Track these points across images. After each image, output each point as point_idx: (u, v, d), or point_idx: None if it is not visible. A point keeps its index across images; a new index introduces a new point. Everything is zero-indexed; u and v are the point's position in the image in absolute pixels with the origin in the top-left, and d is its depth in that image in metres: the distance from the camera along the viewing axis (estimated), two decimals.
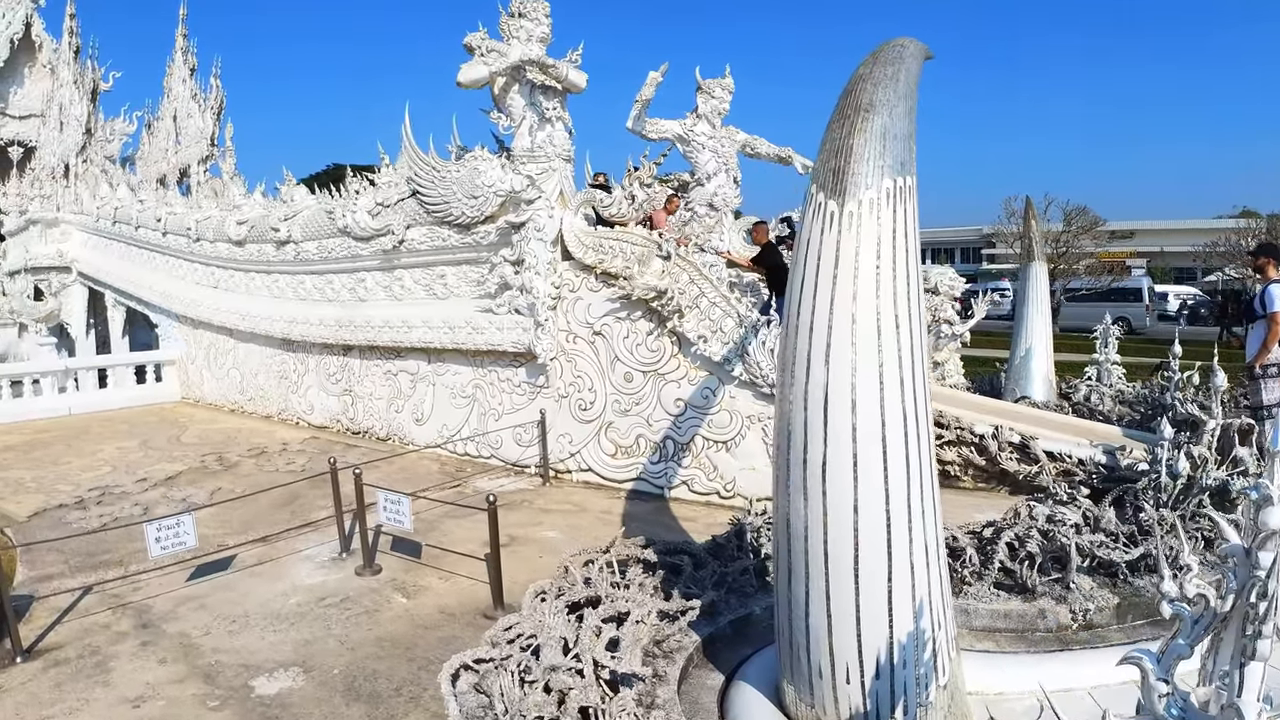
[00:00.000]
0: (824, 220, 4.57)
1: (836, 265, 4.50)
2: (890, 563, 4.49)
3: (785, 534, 4.80)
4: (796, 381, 4.65)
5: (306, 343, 16.55)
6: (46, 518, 11.44)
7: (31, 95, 42.68)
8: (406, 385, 14.68)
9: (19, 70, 42.72)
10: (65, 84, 33.51)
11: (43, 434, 17.53)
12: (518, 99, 12.47)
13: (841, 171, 4.49)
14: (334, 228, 15.27)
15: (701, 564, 7.40)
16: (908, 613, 4.54)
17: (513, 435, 12.95)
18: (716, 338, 11.02)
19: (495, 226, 12.64)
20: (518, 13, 12.20)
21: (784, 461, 4.75)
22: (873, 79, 4.62)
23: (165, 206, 21.46)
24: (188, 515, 8.50)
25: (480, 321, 13.03)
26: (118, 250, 24.75)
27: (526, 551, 9.63)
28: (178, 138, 35.33)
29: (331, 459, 10.06)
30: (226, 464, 14.07)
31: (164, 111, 36.54)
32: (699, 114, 15.17)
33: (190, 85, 35.22)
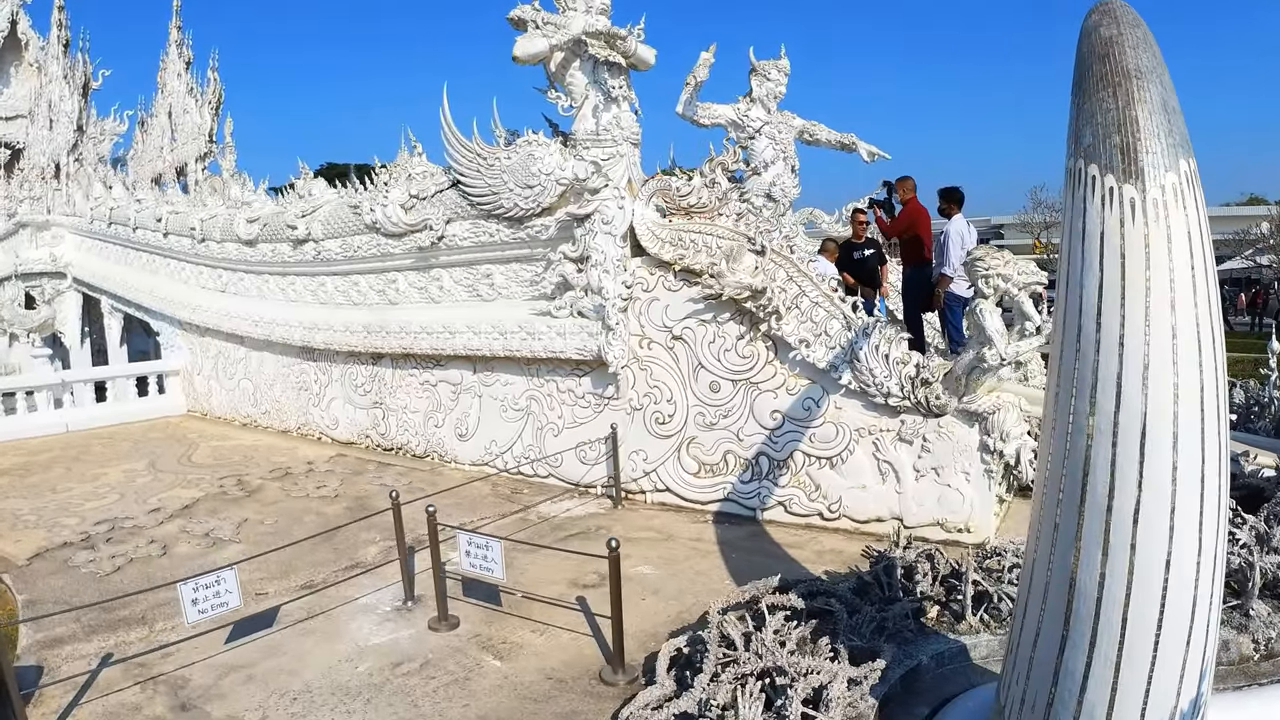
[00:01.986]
0: (1123, 209, 3.60)
1: (1148, 266, 3.57)
2: (1191, 628, 3.77)
3: (1065, 594, 3.91)
4: (1101, 411, 3.67)
5: (330, 351, 14.88)
6: (50, 560, 9.76)
7: (18, 95, 40.84)
8: (448, 397, 13.05)
9: (4, 69, 40.84)
10: (55, 79, 31.70)
11: (39, 455, 15.80)
12: (579, 76, 10.94)
13: (1132, 150, 3.58)
14: (360, 224, 13.62)
15: (853, 608, 6.58)
16: (1194, 681, 3.86)
17: (575, 452, 11.34)
18: (820, 342, 9.62)
19: (554, 219, 11.06)
20: None
21: (1073, 507, 3.82)
22: (1128, 41, 3.70)
23: (166, 205, 19.75)
24: (229, 571, 6.88)
25: (537, 326, 11.43)
26: (114, 253, 23.03)
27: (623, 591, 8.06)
28: (173, 135, 33.57)
29: (394, 493, 8.35)
30: (248, 488, 12.40)
31: (158, 108, 34.80)
32: (753, 98, 13.65)
33: (186, 79, 33.42)
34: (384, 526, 9.98)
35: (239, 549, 9.76)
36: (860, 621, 6.28)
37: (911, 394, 9.13)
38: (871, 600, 6.76)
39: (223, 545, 9.97)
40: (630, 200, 10.75)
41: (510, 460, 12.25)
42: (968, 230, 12.16)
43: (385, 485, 12.12)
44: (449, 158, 11.97)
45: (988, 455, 8.93)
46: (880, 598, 6.82)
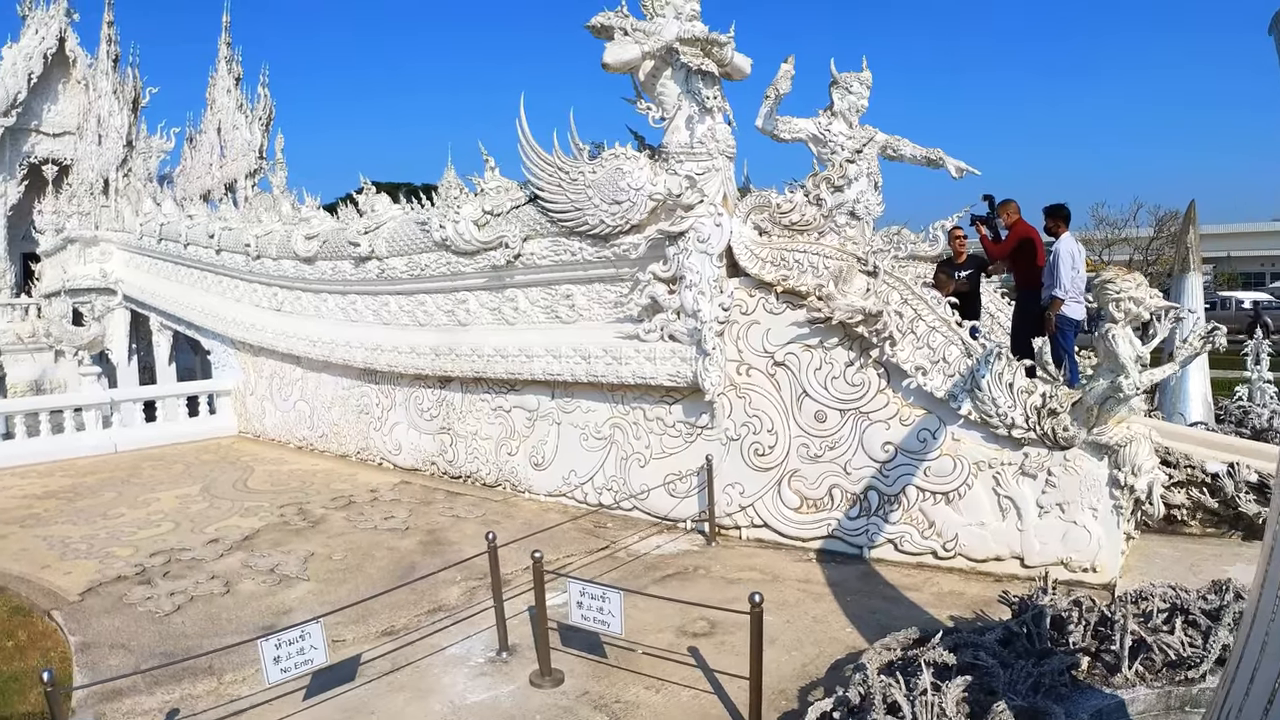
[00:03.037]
0: None
1: None
2: None
3: None
4: None
5: (394, 373, 14.15)
6: (104, 596, 9.01)
7: (66, 112, 40.82)
8: (522, 424, 12.28)
9: (53, 86, 40.87)
10: (104, 94, 31.31)
11: (88, 476, 15.15)
12: (671, 85, 10.24)
13: None
14: (428, 241, 12.90)
15: (1004, 662, 5.92)
16: None
17: (664, 484, 10.53)
18: (938, 369, 8.89)
19: (644, 237, 10.28)
20: None
21: None
22: None
23: (219, 222, 19.13)
24: (314, 625, 6.13)
25: (624, 350, 10.65)
26: (164, 269, 22.47)
27: (738, 642, 7.25)
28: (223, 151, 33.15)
29: (490, 535, 7.55)
30: (311, 519, 11.65)
31: (207, 124, 34.48)
32: (834, 111, 12.90)
33: (236, 95, 33.03)
34: (464, 564, 9.29)
35: (308, 588, 9.03)
36: (1015, 678, 5.68)
37: (1037, 425, 8.44)
38: (1019, 652, 6.11)
39: (290, 583, 9.20)
40: (727, 217, 9.97)
41: (590, 492, 11.49)
42: (1077, 250, 11.33)
43: (458, 516, 11.39)
44: (526, 171, 11.28)
45: (1117, 490, 8.26)
46: (1029, 650, 6.15)
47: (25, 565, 10.14)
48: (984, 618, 7.51)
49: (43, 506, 13.01)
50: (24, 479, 15.18)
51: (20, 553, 10.66)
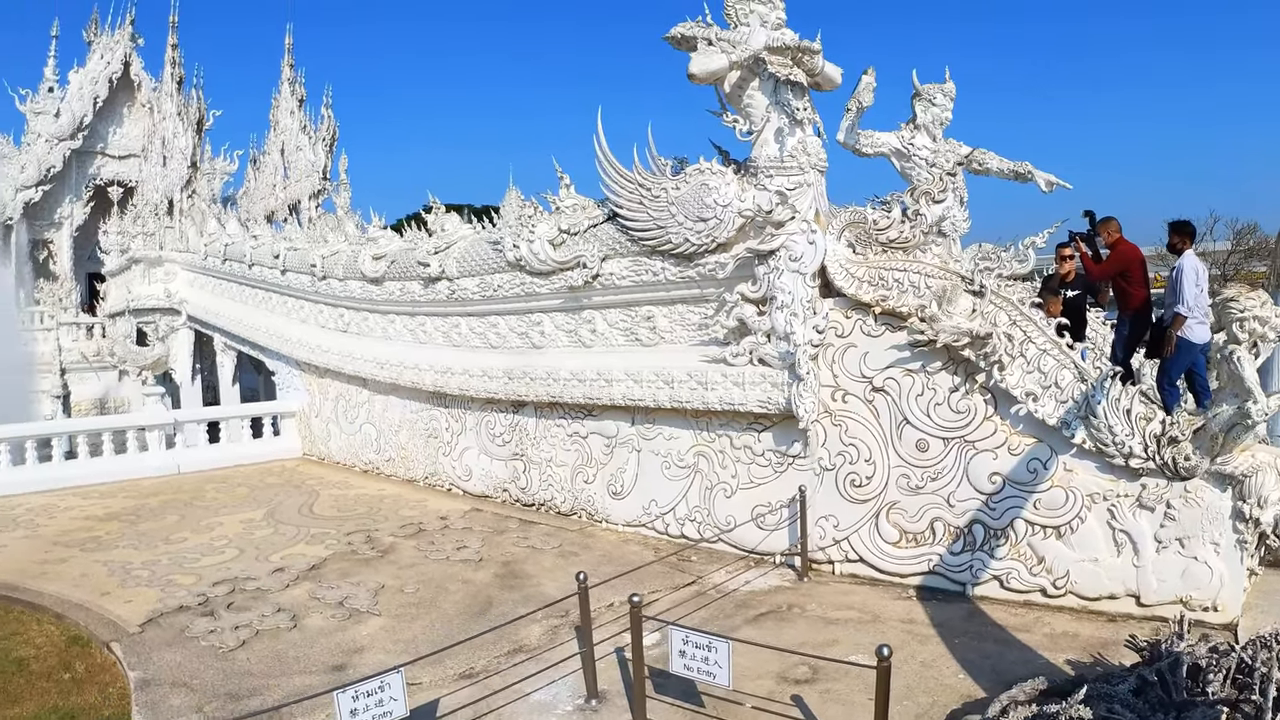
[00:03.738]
0: None
1: None
2: None
3: None
4: None
5: (464, 397, 13.79)
6: (165, 628, 8.63)
7: (130, 135, 41.36)
8: (600, 450, 11.81)
9: (118, 110, 41.50)
10: (169, 116, 31.51)
11: (150, 498, 14.92)
12: (758, 97, 9.81)
13: None
14: (501, 261, 12.53)
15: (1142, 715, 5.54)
16: None
17: (752, 516, 9.99)
18: (1050, 395, 8.37)
19: (732, 256, 9.82)
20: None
21: None
22: None
23: (284, 242, 18.96)
24: (395, 675, 5.69)
25: (710, 375, 10.15)
26: (228, 290, 22.42)
27: (845, 690, 6.81)
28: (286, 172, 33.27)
29: (581, 575, 7.03)
30: (380, 547, 11.24)
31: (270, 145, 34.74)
32: (917, 124, 12.33)
33: (299, 117, 33.21)
34: (542, 598, 8.91)
35: (379, 624, 8.60)
36: None
37: (1156, 454, 7.90)
38: (1155, 703, 5.68)
39: (360, 618, 8.78)
40: (821, 234, 9.44)
41: (672, 523, 10.99)
42: (1201, 267, 10.66)
43: (533, 547, 10.93)
44: (605, 189, 10.90)
45: (1241, 523, 7.76)
46: (1166, 701, 5.70)
47: (85, 592, 9.85)
48: (1103, 662, 7.03)
49: (104, 529, 12.80)
50: (86, 499, 15.05)
51: (80, 578, 10.40)
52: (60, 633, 8.82)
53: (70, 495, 15.40)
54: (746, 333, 9.87)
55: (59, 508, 14.43)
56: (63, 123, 39.07)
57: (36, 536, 12.50)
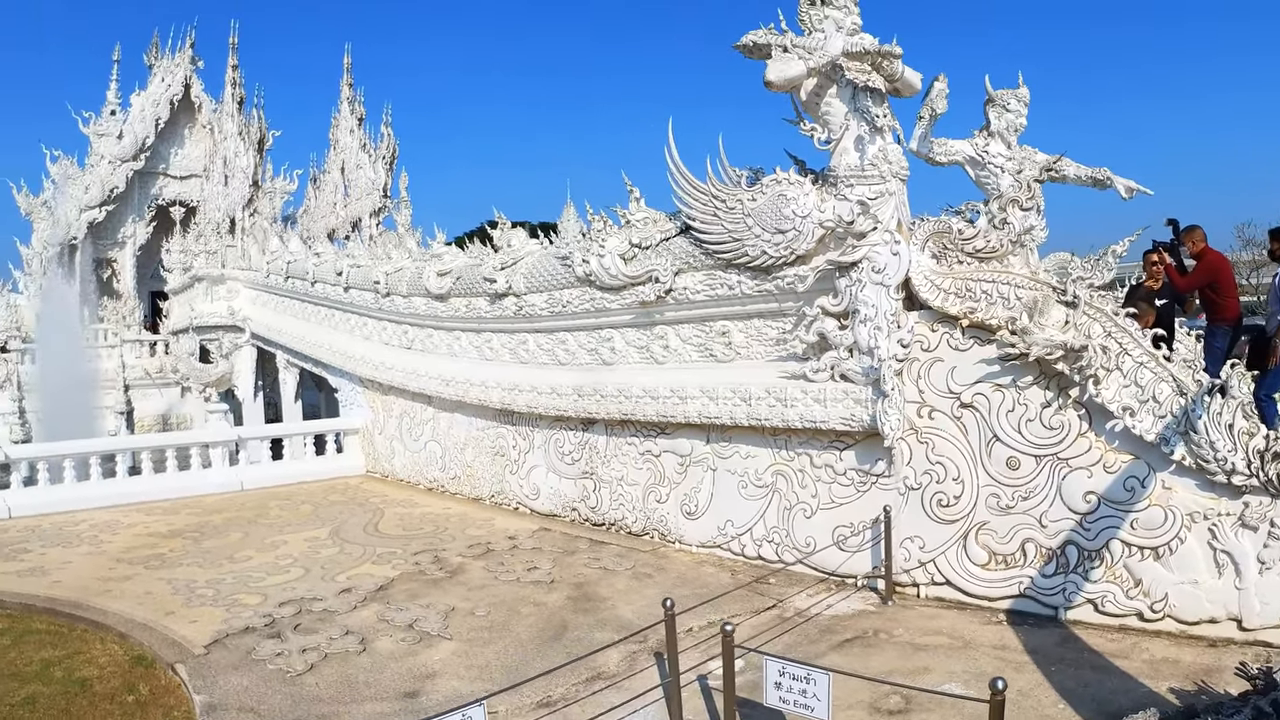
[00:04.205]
0: None
1: None
2: None
3: None
4: None
5: (532, 414, 13.67)
6: (231, 650, 8.48)
7: (192, 156, 42.28)
8: (673, 469, 11.60)
9: (179, 131, 42.46)
10: (230, 136, 31.97)
11: (214, 515, 14.94)
12: (837, 104, 9.59)
13: None
14: (570, 276, 12.39)
15: None
16: None
17: (833, 537, 9.74)
18: (1147, 409, 8.06)
19: (811, 269, 9.58)
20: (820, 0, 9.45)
21: None
22: None
23: (347, 259, 19.01)
24: (478, 709, 5.49)
25: (789, 391, 9.92)
26: (291, 307, 22.55)
27: None
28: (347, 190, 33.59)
29: (668, 602, 6.80)
30: (448, 567, 11.08)
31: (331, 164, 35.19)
32: (990, 131, 11.97)
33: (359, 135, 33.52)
34: (619, 623, 8.76)
35: (451, 648, 8.40)
36: None
37: (1260, 470, 7.59)
38: None
39: (431, 642, 8.58)
40: (904, 245, 9.18)
41: (749, 544, 10.75)
42: None
43: (605, 569, 10.72)
44: (677, 201, 10.73)
45: None
46: None
47: (149, 611, 9.75)
48: (1208, 690, 6.71)
49: (168, 546, 12.78)
50: (149, 515, 15.11)
51: (144, 596, 10.32)
52: (124, 653, 8.72)
53: (134, 511, 15.49)
54: (827, 348, 9.63)
55: (122, 524, 14.51)
56: (125, 144, 40.03)
57: (100, 553, 12.53)
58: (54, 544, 13.20)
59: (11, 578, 11.32)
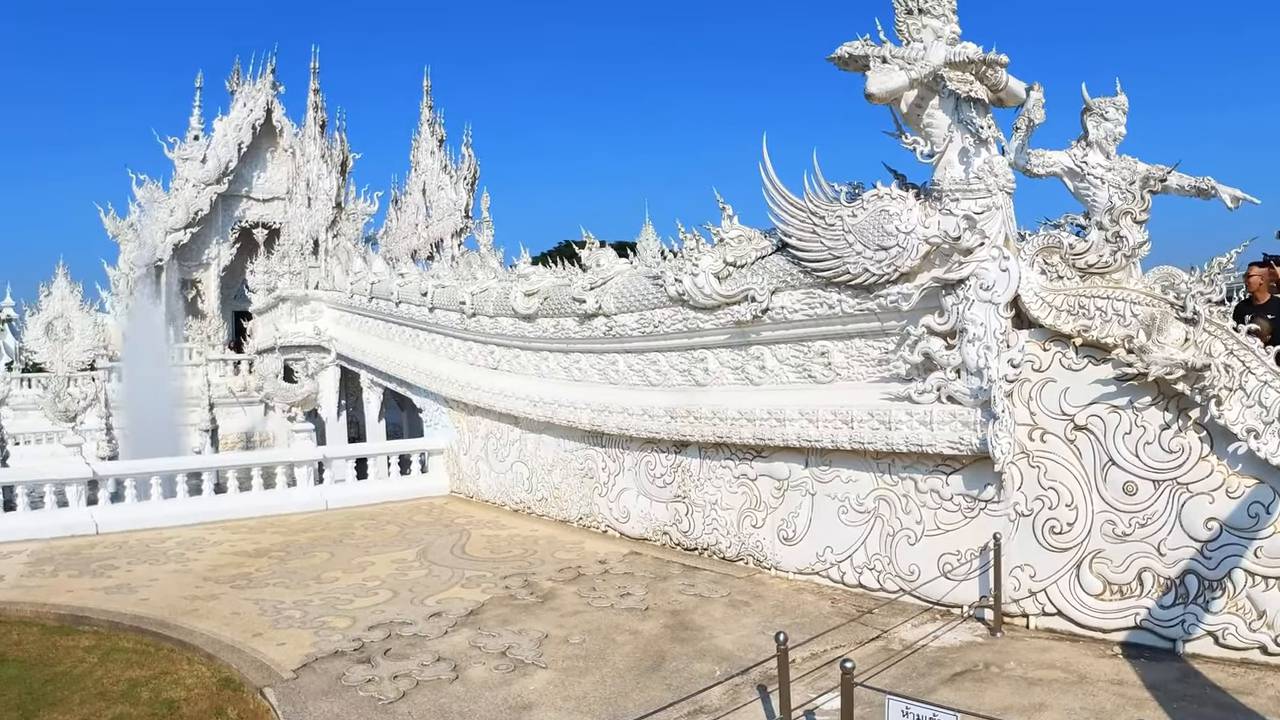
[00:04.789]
0: None
1: None
2: None
3: None
4: None
5: (623, 436, 13.63)
6: (321, 674, 8.38)
7: (274, 179, 43.78)
8: (770, 493, 11.46)
9: (261, 155, 43.99)
10: (312, 159, 32.74)
11: (299, 535, 15.09)
12: (939, 116, 9.44)
13: None
14: (662, 296, 12.37)
15: None
16: None
17: (938, 564, 9.54)
18: (1272, 430, 7.71)
19: (916, 286, 9.40)
20: (918, 9, 9.36)
21: None
22: None
23: (432, 280, 19.25)
24: None
25: (893, 413, 9.74)
26: (374, 328, 22.87)
27: None
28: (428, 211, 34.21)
29: (781, 636, 6.65)
30: (538, 592, 10.98)
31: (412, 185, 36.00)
32: (1089, 141, 11.66)
33: (440, 157, 34.17)
34: (718, 653, 8.56)
35: (546, 678, 8.21)
36: None
37: None
38: None
39: (526, 670, 8.42)
40: (1013, 260, 8.98)
41: (849, 571, 10.55)
42: None
43: (700, 595, 10.57)
44: (774, 218, 10.65)
45: None
46: None
47: (236, 632, 9.76)
48: None
49: (254, 565, 12.89)
50: (235, 534, 15.32)
51: (232, 616, 10.36)
52: (211, 674, 8.73)
53: (219, 529, 15.74)
54: (933, 368, 9.44)
55: (208, 541, 14.73)
56: (209, 168, 41.62)
57: (186, 571, 12.69)
58: (141, 561, 13.44)
59: (99, 594, 11.51)
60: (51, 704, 8.01)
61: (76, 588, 11.89)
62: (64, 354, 37.09)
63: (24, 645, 9.76)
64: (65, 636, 10.00)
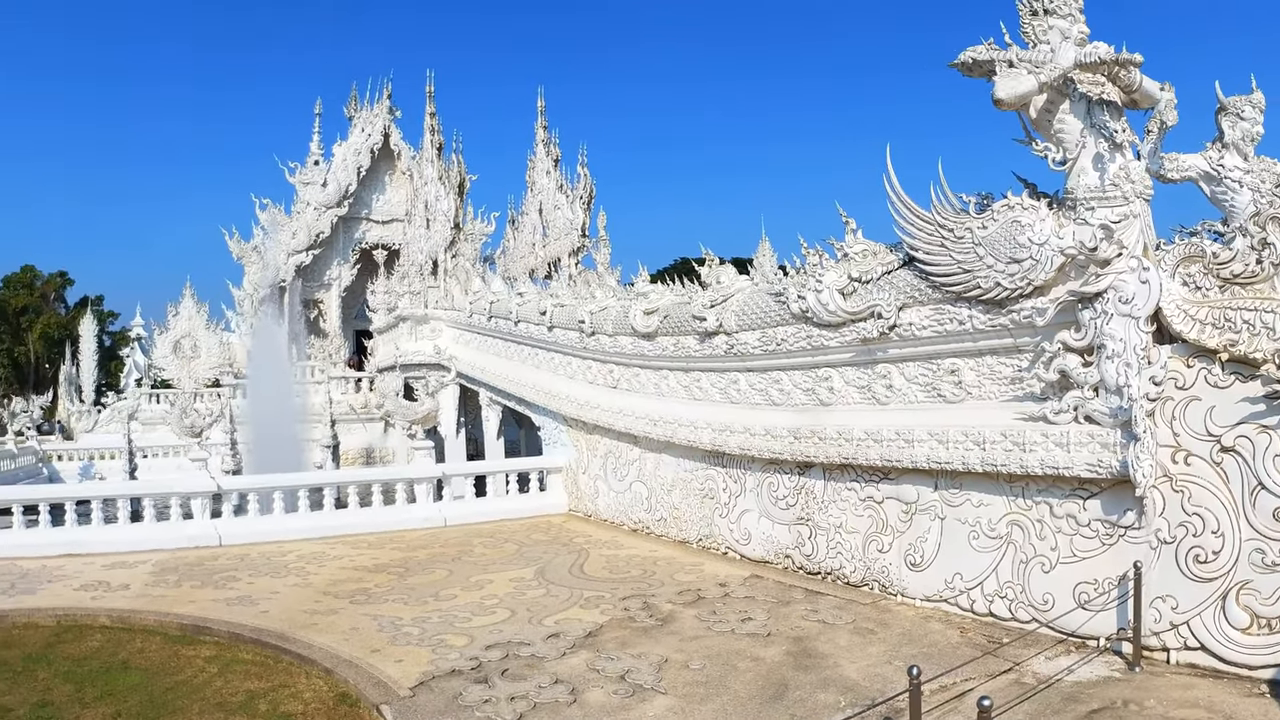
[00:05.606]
0: None
1: None
2: None
3: None
4: None
5: (745, 456, 13.64)
6: (438, 693, 8.47)
7: (393, 201, 45.53)
8: (897, 517, 11.34)
9: (379, 178, 45.89)
10: (430, 181, 33.73)
11: (418, 551, 15.45)
12: (1070, 120, 9.34)
13: None
14: (785, 313, 12.38)
15: None
16: None
17: (1074, 594, 9.30)
18: None
19: (1050, 300, 9.24)
20: (1044, 9, 9.30)
21: None
22: None
23: (551, 299, 19.58)
24: None
25: (1027, 434, 9.54)
26: (494, 346, 23.42)
27: None
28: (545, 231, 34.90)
29: (914, 670, 6.51)
30: (658, 615, 10.98)
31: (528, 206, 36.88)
32: (1224, 143, 11.25)
33: (556, 176, 34.81)
34: (842, 683, 8.44)
35: (666, 704, 8.16)
36: None
37: None
38: None
39: (645, 695, 8.39)
40: (1154, 271, 8.72)
41: (979, 599, 10.35)
42: None
43: (824, 622, 10.46)
44: (899, 231, 10.59)
45: None
46: None
47: (354, 647, 9.97)
48: None
49: (373, 581, 13.19)
50: (355, 549, 15.76)
51: (350, 632, 10.59)
52: (329, 689, 8.94)
53: (339, 544, 16.23)
54: (1069, 386, 9.24)
55: (328, 556, 15.19)
56: (329, 192, 43.57)
57: (306, 585, 13.08)
58: (262, 573, 13.96)
59: (220, 605, 11.98)
60: (172, 712, 8.38)
61: (199, 598, 12.44)
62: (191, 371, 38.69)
63: (147, 653, 10.26)
64: (187, 646, 10.48)
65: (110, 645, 10.55)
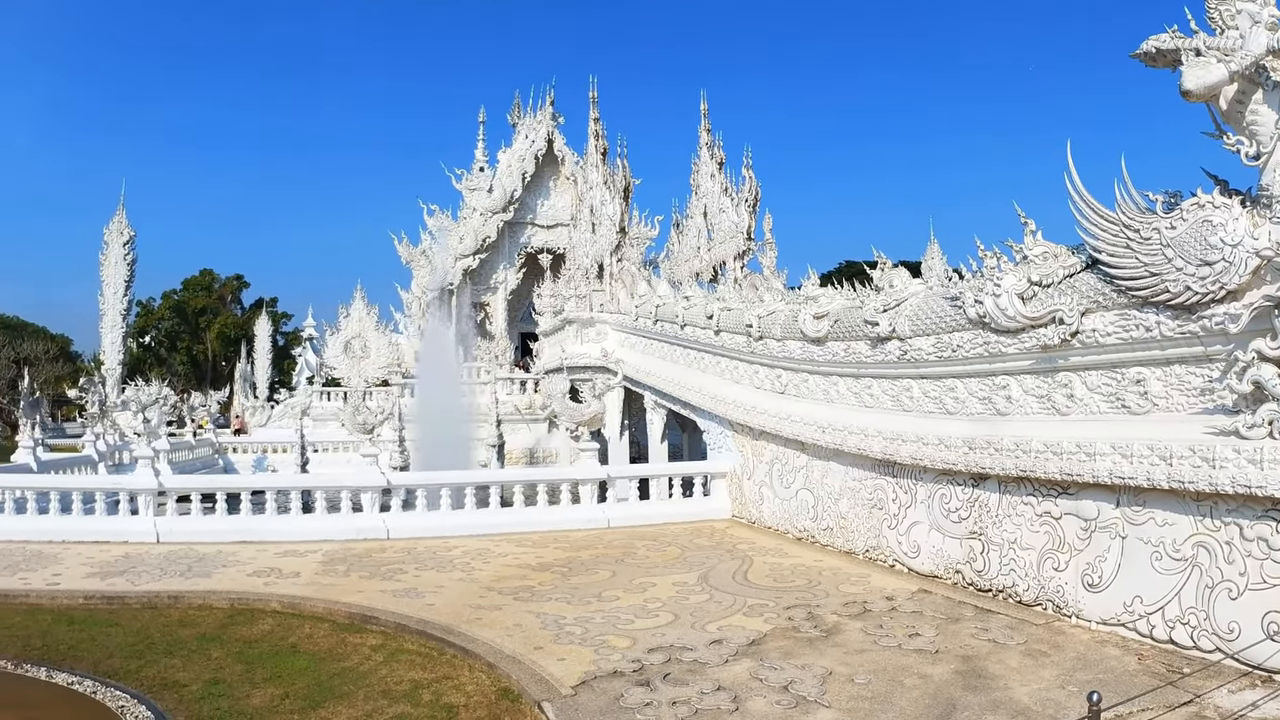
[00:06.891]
0: None
1: None
2: None
3: None
4: None
5: (916, 466, 13.56)
6: (599, 693, 8.63)
7: (558, 206, 47.02)
8: (1074, 534, 11.07)
9: (544, 184, 47.49)
10: (595, 186, 34.51)
11: (581, 551, 15.89)
12: (1265, 111, 8.95)
13: None
14: (961, 318, 12.28)
15: None
16: None
17: (1263, 624, 8.94)
18: None
19: (1244, 305, 8.94)
20: None
21: None
22: None
23: (717, 302, 19.84)
24: None
25: (1218, 450, 9.19)
26: (659, 349, 23.83)
27: None
28: (710, 234, 35.30)
29: (1094, 697, 6.40)
30: (823, 626, 10.99)
31: (693, 209, 37.44)
32: None
33: (720, 179, 35.22)
34: (1013, 707, 8.27)
35: (830, 717, 8.14)
36: None
37: None
38: None
39: (809, 708, 8.36)
40: None
41: (1159, 625, 9.99)
42: None
43: (995, 641, 10.26)
44: (1081, 232, 10.38)
45: None
46: None
47: (517, 643, 10.29)
48: None
49: (537, 579, 13.60)
50: (519, 547, 16.32)
51: (514, 628, 10.93)
52: (491, 683, 9.17)
53: (504, 541, 16.84)
54: (1264, 399, 8.87)
55: (493, 553, 15.74)
56: (495, 197, 45.34)
57: (471, 581, 13.57)
58: (428, 567, 14.61)
59: (387, 596, 12.62)
60: (337, 697, 8.86)
61: (366, 588, 13.14)
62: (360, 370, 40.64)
63: (315, 639, 10.90)
64: (354, 634, 11.09)
65: (280, 630, 11.25)
